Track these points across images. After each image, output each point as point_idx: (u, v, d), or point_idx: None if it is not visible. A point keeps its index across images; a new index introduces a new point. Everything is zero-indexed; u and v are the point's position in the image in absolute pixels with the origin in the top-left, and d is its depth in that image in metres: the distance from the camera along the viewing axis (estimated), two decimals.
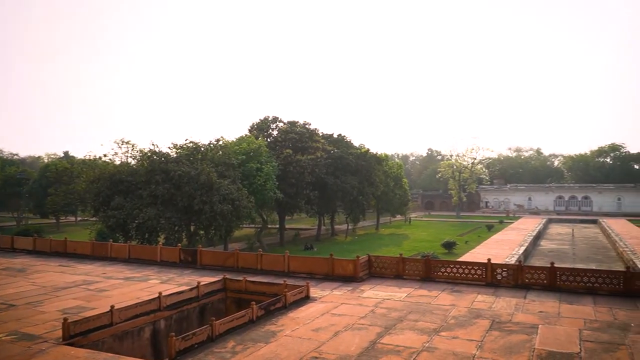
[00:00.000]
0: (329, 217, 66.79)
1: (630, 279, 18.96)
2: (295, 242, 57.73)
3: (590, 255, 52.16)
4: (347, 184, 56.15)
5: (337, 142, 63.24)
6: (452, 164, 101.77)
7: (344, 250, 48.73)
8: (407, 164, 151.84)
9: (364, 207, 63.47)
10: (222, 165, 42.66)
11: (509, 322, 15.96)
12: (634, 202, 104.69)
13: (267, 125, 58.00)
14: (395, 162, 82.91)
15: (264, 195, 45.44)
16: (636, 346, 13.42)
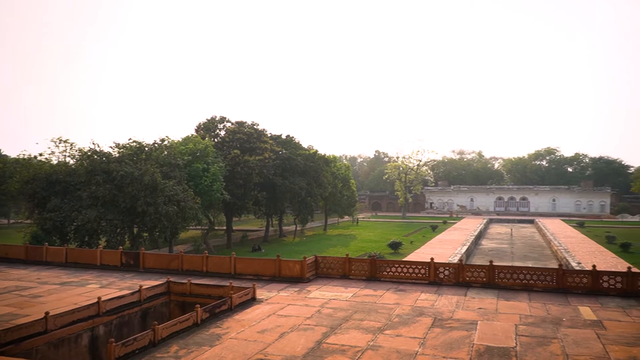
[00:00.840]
0: (277, 218, 66.55)
1: (563, 276, 19.97)
2: (243, 243, 57.15)
3: (528, 253, 54.52)
4: (295, 185, 56.15)
5: (285, 143, 63.10)
6: (398, 165, 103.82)
7: (292, 251, 48.69)
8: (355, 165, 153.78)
9: (312, 208, 63.70)
10: (168, 165, 41.66)
11: (450, 319, 16.44)
12: (567, 203, 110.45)
13: (214, 125, 57.11)
14: (343, 164, 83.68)
15: (210, 196, 44.71)
16: (567, 339, 14.13)
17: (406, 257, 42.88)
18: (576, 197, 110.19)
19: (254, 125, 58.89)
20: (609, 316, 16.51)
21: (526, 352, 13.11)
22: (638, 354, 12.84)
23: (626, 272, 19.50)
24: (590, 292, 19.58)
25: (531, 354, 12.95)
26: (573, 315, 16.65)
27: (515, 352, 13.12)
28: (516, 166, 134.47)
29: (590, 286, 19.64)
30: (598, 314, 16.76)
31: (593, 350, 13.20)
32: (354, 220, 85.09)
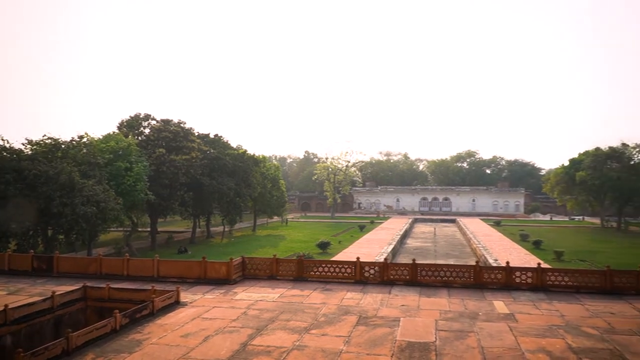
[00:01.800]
0: (204, 219, 65.11)
1: (479, 272, 21.01)
2: (168, 245, 55.41)
3: (449, 251, 56.85)
4: (223, 185, 55.18)
5: (213, 143, 61.88)
6: (327, 166, 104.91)
7: (220, 253, 47.81)
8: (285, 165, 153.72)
9: (241, 208, 62.86)
10: (87, 164, 39.56)
11: (374, 316, 16.80)
12: (485, 203, 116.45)
13: (138, 123, 54.91)
14: (272, 164, 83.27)
15: (133, 196, 42.95)
16: (483, 333, 14.87)
17: (334, 256, 43.34)
18: (494, 198, 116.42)
19: (181, 123, 57.30)
20: (520, 309, 17.56)
21: (445, 346, 13.65)
22: (546, 345, 13.73)
23: (536, 268, 20.84)
24: (504, 287, 20.73)
25: (449, 347, 13.50)
26: (488, 310, 17.55)
27: (435, 346, 13.63)
28: (439, 168, 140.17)
29: (504, 281, 20.80)
30: (511, 308, 17.77)
31: (506, 342, 13.97)
32: (283, 221, 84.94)
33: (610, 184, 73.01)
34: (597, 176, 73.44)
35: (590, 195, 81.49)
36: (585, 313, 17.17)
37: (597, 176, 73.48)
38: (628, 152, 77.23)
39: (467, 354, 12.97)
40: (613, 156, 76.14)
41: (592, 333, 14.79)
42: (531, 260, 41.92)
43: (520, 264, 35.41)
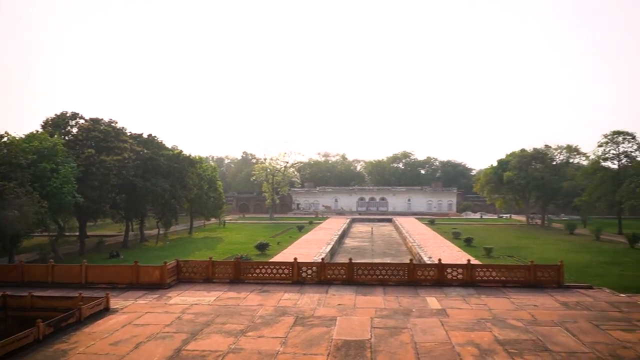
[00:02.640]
0: (138, 222, 62.86)
1: (413, 270, 21.59)
2: (99, 250, 53.00)
3: (386, 250, 57.95)
4: (158, 187, 53.49)
5: (147, 143, 59.80)
6: (265, 167, 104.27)
7: (155, 257, 46.28)
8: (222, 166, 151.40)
9: (176, 210, 61.15)
10: (7, 165, 37.14)
11: (311, 316, 16.86)
12: (420, 202, 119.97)
13: (64, 122, 52.09)
14: (209, 165, 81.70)
15: (60, 199, 40.71)
16: (416, 328, 15.28)
17: (273, 258, 43.08)
18: (428, 197, 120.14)
19: (112, 122, 54.97)
20: (451, 305, 18.20)
21: (379, 342, 13.90)
22: (475, 338, 14.31)
23: (466, 265, 21.69)
24: (437, 284, 21.42)
25: (384, 344, 13.77)
26: (421, 306, 18.06)
27: (370, 343, 13.85)
28: (376, 168, 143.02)
29: (437, 278, 21.49)
30: (442, 304, 18.38)
31: (437, 337, 14.43)
32: (220, 223, 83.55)
33: (534, 183, 77.27)
34: (523, 176, 77.53)
35: (516, 194, 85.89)
36: (511, 306, 18.05)
37: (522, 176, 77.56)
38: (550, 154, 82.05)
39: (400, 350, 13.27)
40: (537, 157, 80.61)
41: (517, 325, 15.56)
42: (463, 257, 43.46)
43: (453, 261, 36.64)
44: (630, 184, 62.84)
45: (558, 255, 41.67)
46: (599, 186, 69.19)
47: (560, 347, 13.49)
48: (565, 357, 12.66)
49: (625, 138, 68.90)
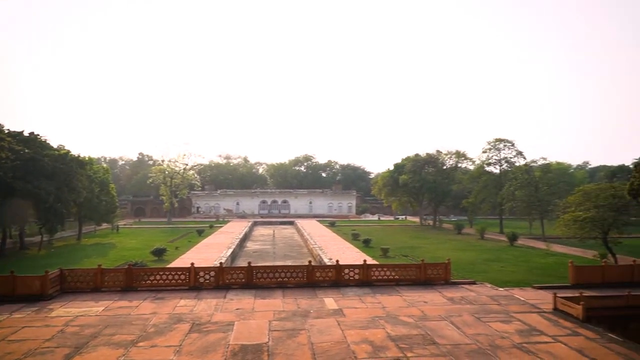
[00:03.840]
0: (17, 229, 57.50)
1: (312, 271, 21.87)
2: None
3: (288, 252, 58.19)
4: (41, 190, 49.30)
5: (28, 142, 54.88)
6: (163, 169, 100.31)
7: (37, 266, 42.57)
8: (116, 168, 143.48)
9: (62, 215, 56.73)
10: None
11: (208, 322, 16.44)
12: (321, 205, 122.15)
13: None
14: (101, 166, 76.90)
15: None
16: (313, 329, 15.47)
17: (171, 263, 41.49)
18: (329, 200, 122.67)
19: None
20: (348, 304, 18.66)
21: (277, 345, 13.89)
22: (369, 336, 14.78)
23: (362, 265, 22.38)
24: (335, 284, 21.86)
25: (281, 346, 13.77)
26: (319, 307, 18.33)
27: (268, 346, 13.79)
28: (278, 171, 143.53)
29: (335, 279, 21.94)
30: (340, 303, 18.79)
31: (334, 336, 14.71)
32: (114, 228, 78.96)
33: (427, 186, 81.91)
34: (417, 179, 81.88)
35: (411, 197, 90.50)
36: (403, 303, 18.90)
37: (416, 179, 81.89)
38: (441, 159, 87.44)
39: (297, 351, 13.35)
40: (430, 162, 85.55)
41: (408, 321, 16.32)
42: (362, 258, 44.77)
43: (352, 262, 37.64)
44: (509, 187, 68.70)
45: (447, 253, 44.38)
46: (483, 189, 74.98)
47: (446, 340, 14.34)
48: (450, 349, 13.47)
49: (506, 145, 75.35)
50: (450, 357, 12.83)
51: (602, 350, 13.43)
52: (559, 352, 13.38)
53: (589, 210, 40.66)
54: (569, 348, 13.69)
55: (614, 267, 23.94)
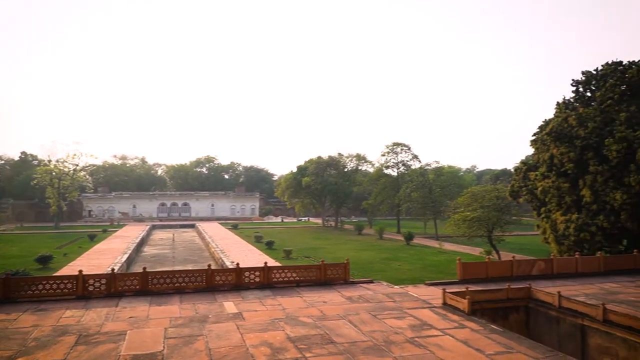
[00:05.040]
0: None
1: (212, 276, 21.38)
2: None
3: (189, 257, 56.51)
4: None
5: None
6: (50, 170, 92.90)
7: None
8: None
9: None
10: None
11: (97, 333, 15.45)
12: (224, 207, 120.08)
13: None
14: None
15: None
16: (211, 334, 15.10)
17: (59, 271, 38.54)
18: (232, 202, 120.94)
19: None
20: (248, 307, 18.47)
21: (172, 353, 13.37)
22: (268, 338, 14.71)
23: (263, 267, 22.28)
24: (235, 288, 21.55)
25: (177, 354, 13.28)
26: (218, 311, 17.95)
27: (162, 355, 13.23)
28: (179, 173, 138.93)
29: (235, 282, 21.63)
30: (239, 307, 18.54)
31: (232, 341, 14.46)
32: None
33: (329, 188, 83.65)
34: (319, 181, 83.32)
35: (314, 198, 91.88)
36: (303, 304, 19.08)
37: (319, 181, 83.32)
38: (343, 161, 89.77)
39: (194, 358, 12.96)
40: (331, 164, 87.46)
41: (307, 322, 16.49)
42: (265, 260, 44.70)
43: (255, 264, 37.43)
44: (406, 189, 72.16)
45: (348, 253, 45.57)
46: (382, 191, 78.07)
47: (344, 338, 14.68)
48: (347, 347, 13.80)
49: (403, 149, 79.09)
50: (347, 355, 13.14)
51: (485, 341, 14.46)
52: (447, 344, 14.22)
53: (476, 210, 43.79)
54: (455, 340, 14.60)
55: (496, 263, 25.94)
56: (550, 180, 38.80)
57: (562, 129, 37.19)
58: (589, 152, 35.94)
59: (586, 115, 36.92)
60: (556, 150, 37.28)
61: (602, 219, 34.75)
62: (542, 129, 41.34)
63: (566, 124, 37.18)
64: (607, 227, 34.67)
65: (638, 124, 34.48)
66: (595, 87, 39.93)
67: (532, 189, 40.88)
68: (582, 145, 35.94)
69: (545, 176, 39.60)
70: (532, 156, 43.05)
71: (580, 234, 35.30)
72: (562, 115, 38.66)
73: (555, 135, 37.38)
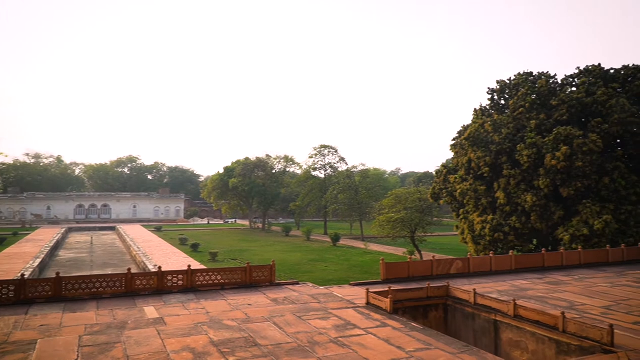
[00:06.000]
0: None
1: (132, 280, 20.56)
2: None
3: (108, 261, 54.07)
4: None
5: None
6: None
7: None
8: None
9: None
10: None
11: (4, 343, 14.41)
12: (147, 209, 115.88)
13: None
14: None
15: None
16: (130, 341, 14.51)
17: None
18: (155, 203, 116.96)
19: None
20: (169, 312, 17.94)
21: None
22: (191, 343, 14.36)
23: (186, 270, 21.74)
24: (157, 292, 20.86)
25: None
26: (138, 317, 17.29)
27: None
28: (98, 173, 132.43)
29: (157, 286, 20.94)
30: (161, 312, 17.96)
31: (152, 347, 13.98)
32: None
33: (257, 189, 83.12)
34: (247, 183, 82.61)
35: (241, 200, 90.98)
36: (228, 307, 18.82)
37: (246, 183, 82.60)
38: (271, 163, 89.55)
39: None
40: (259, 165, 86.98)
41: (231, 325, 16.27)
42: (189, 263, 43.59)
43: (179, 267, 36.43)
44: (333, 191, 73.16)
45: (275, 255, 45.53)
46: (310, 193, 78.66)
47: (268, 340, 14.63)
48: (271, 350, 13.77)
49: (330, 151, 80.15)
50: (271, 357, 13.10)
51: (405, 339, 14.95)
52: (369, 342, 14.56)
53: (400, 212, 45.22)
54: (377, 338, 14.98)
55: (417, 262, 26.87)
56: (468, 183, 40.82)
57: (479, 134, 39.27)
58: (503, 157, 38.18)
59: (500, 122, 39.21)
60: (473, 155, 39.28)
61: (515, 219, 37.04)
62: (461, 134, 43.45)
63: (482, 130, 39.29)
64: (519, 228, 37.01)
65: (547, 130, 37.05)
66: (508, 96, 42.52)
67: (452, 191, 42.83)
68: (497, 150, 38.13)
69: (463, 179, 41.62)
70: (452, 160, 45.13)
71: (495, 234, 37.43)
72: (479, 121, 40.82)
73: (472, 140, 39.39)
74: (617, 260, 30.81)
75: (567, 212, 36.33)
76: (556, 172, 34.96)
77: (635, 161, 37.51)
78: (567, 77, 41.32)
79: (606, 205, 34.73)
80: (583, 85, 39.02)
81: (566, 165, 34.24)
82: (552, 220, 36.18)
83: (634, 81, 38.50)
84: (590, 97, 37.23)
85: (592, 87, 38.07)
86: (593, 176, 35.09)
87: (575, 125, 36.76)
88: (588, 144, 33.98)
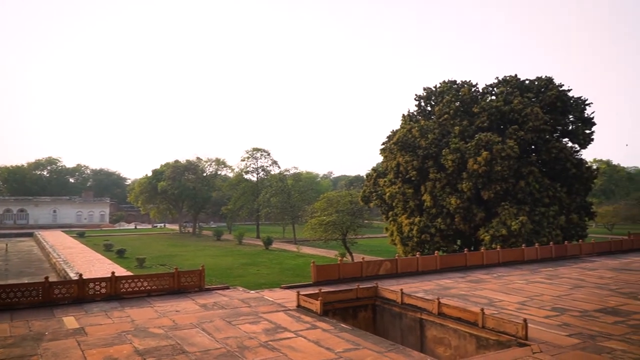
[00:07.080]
0: None
1: (49, 289, 19.45)
2: None
3: (24, 269, 50.98)
4: None
5: None
6: None
7: None
8: None
9: None
10: None
11: None
12: (68, 213, 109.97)
13: None
14: None
15: None
16: (47, 353, 13.72)
17: None
18: (78, 208, 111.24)
19: None
20: (91, 322, 17.14)
21: None
22: (114, 353, 13.79)
23: (110, 278, 20.87)
24: (77, 301, 19.87)
25: None
26: (57, 328, 16.40)
27: None
28: (14, 176, 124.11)
29: (77, 295, 19.94)
30: (81, 322, 17.13)
31: (72, 358, 13.30)
32: None
33: (187, 193, 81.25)
34: (176, 186, 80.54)
35: (170, 204, 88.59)
36: (154, 314, 18.25)
37: (176, 186, 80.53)
38: (202, 165, 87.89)
39: None
40: (189, 168, 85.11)
41: (158, 332, 15.80)
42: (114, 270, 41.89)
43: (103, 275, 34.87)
44: (265, 194, 72.87)
45: (206, 260, 44.70)
46: (242, 196, 77.94)
47: (196, 347, 14.34)
48: (199, 356, 13.50)
49: (263, 154, 79.87)
50: None
51: (335, 340, 15.16)
52: (299, 345, 14.64)
53: (332, 214, 45.84)
54: (307, 341, 15.09)
55: (348, 264, 27.28)
56: (396, 186, 42.04)
57: (407, 139, 40.57)
58: (429, 161, 39.67)
59: (427, 127, 40.73)
60: (402, 159, 40.52)
61: (440, 221, 38.58)
62: (390, 138, 44.69)
63: (410, 135, 40.63)
64: (444, 229, 38.59)
65: (469, 136, 38.92)
66: (434, 102, 44.27)
67: (382, 194, 43.93)
68: (424, 155, 39.56)
69: (392, 182, 42.83)
70: (382, 164, 46.34)
71: (422, 235, 38.80)
72: (407, 126, 42.19)
73: (401, 145, 40.63)
74: (531, 259, 32.82)
75: (487, 213, 38.30)
76: (478, 176, 36.80)
77: (547, 166, 40.21)
78: (487, 86, 43.71)
79: (522, 207, 36.97)
80: (501, 94, 41.37)
81: (486, 169, 36.14)
82: (474, 221, 38.02)
83: (546, 91, 41.33)
84: (507, 105, 39.53)
85: (509, 96, 40.44)
86: (510, 180, 37.25)
87: (495, 131, 38.88)
88: (506, 149, 36.05)
